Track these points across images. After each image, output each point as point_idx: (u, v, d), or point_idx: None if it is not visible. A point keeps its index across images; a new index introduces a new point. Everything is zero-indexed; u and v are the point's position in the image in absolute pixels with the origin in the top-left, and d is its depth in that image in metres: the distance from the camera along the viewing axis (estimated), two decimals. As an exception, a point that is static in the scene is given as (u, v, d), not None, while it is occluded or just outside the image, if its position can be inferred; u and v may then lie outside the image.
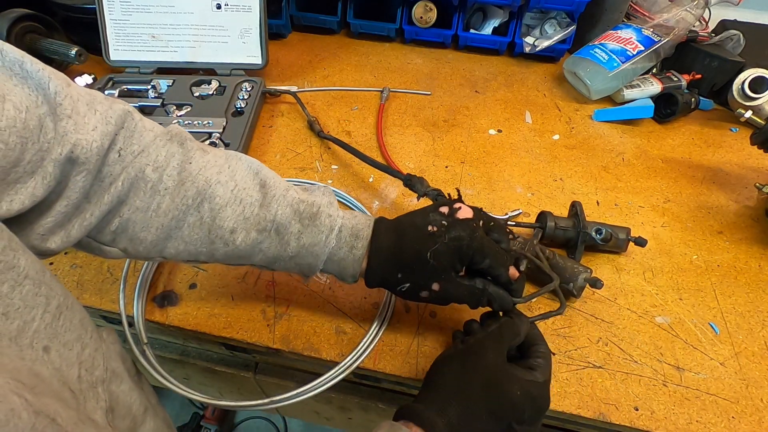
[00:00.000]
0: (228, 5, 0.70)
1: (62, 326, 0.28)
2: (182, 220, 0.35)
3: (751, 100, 0.64)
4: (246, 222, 0.36)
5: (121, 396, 0.33)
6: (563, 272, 0.47)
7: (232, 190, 0.36)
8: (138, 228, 0.35)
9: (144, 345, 0.44)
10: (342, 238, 0.38)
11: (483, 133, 0.70)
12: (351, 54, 0.87)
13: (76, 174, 0.31)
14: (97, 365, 0.31)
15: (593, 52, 0.76)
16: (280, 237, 0.37)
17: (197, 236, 0.36)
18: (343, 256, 0.38)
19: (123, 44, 0.71)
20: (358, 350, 0.43)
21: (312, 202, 0.38)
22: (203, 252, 0.37)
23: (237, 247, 0.36)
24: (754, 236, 0.57)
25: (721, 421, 0.41)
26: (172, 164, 0.35)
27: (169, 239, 0.36)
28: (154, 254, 0.37)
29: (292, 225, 0.37)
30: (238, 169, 0.37)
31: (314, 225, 0.37)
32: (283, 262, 0.38)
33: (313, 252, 0.37)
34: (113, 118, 0.32)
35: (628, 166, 0.66)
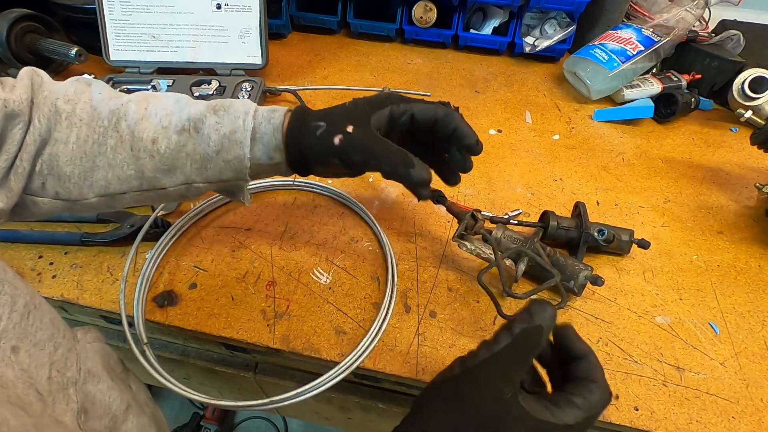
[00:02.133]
0: (228, 5, 0.70)
1: (32, 325, 0.28)
2: (103, 144, 0.36)
3: (751, 100, 0.64)
4: (165, 130, 0.36)
5: (98, 396, 0.32)
6: (564, 270, 0.47)
7: (146, 108, 0.37)
8: (62, 162, 0.35)
9: (144, 345, 0.44)
10: (259, 116, 0.38)
11: (483, 133, 0.70)
12: (351, 54, 0.87)
13: (13, 127, 0.32)
14: (70, 366, 0.31)
15: (593, 52, 0.76)
16: (200, 134, 0.37)
17: (121, 157, 0.36)
18: (264, 131, 0.37)
19: (123, 44, 0.71)
20: (358, 350, 0.43)
21: (224, 100, 0.39)
22: (132, 175, 0.37)
23: (162, 155, 0.36)
24: (754, 236, 0.57)
25: (721, 421, 0.41)
26: (83, 99, 0.36)
27: (95, 169, 0.36)
28: (86, 191, 0.36)
29: (207, 118, 0.37)
30: (149, 94, 0.39)
31: (229, 113, 0.37)
32: (213, 164, 0.37)
33: (235, 140, 0.37)
34: (24, 74, 0.35)
35: (628, 166, 0.66)
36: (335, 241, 0.53)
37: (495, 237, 0.49)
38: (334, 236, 0.54)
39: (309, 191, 0.59)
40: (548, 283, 0.42)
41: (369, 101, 0.38)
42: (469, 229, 0.47)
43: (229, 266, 0.50)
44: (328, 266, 0.51)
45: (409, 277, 0.50)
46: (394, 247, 0.52)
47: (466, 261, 0.52)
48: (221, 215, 0.55)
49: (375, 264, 0.51)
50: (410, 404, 0.31)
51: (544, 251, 0.48)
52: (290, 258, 0.51)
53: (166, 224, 0.52)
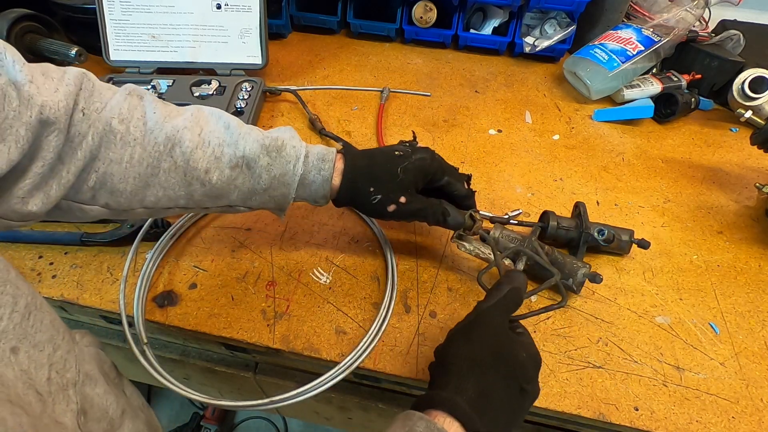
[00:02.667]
0: (228, 5, 0.70)
1: (32, 326, 0.28)
2: (157, 167, 0.37)
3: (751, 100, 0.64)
4: (218, 161, 0.38)
5: (96, 399, 0.32)
6: (563, 268, 0.47)
7: (200, 134, 0.38)
8: (116, 180, 0.36)
9: (144, 345, 0.44)
10: (309, 163, 0.41)
11: (483, 133, 0.70)
12: (351, 54, 0.87)
13: (48, 134, 0.32)
14: (69, 367, 0.31)
15: (593, 52, 0.75)
16: (252, 171, 0.39)
17: (174, 180, 0.38)
18: (312, 179, 0.41)
19: (123, 44, 0.71)
20: (358, 350, 0.43)
21: (276, 137, 0.41)
22: (182, 195, 0.39)
23: (213, 185, 0.39)
24: (754, 236, 0.57)
25: (721, 421, 0.41)
26: (136, 116, 0.36)
27: (147, 187, 0.37)
28: (135, 204, 0.38)
29: (261, 159, 0.39)
30: (201, 115, 0.39)
31: (281, 156, 0.40)
32: (258, 197, 0.41)
33: (284, 182, 0.40)
34: (71, 80, 0.34)
35: (628, 166, 0.66)
36: (335, 241, 0.53)
37: (493, 237, 0.49)
38: (334, 236, 0.54)
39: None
40: (548, 282, 0.42)
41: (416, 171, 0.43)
42: (468, 229, 0.47)
43: (229, 266, 0.50)
44: (328, 266, 0.51)
45: (409, 277, 0.50)
46: (394, 247, 0.52)
47: (466, 261, 0.52)
48: (221, 215, 0.55)
49: (375, 264, 0.51)
50: (410, 404, 0.33)
51: (543, 250, 0.48)
52: (290, 258, 0.51)
53: (166, 224, 0.52)
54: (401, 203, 0.42)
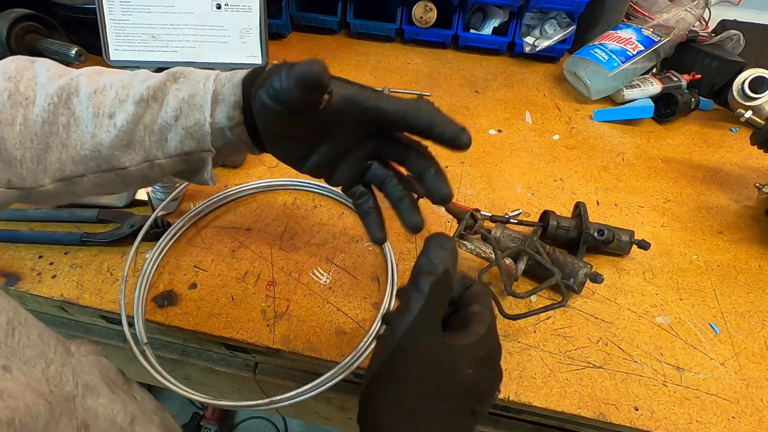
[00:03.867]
0: (228, 5, 0.70)
1: (18, 343, 0.26)
2: (55, 123, 0.33)
3: (751, 100, 0.64)
4: (122, 103, 0.34)
5: (100, 410, 0.31)
6: (564, 268, 0.47)
7: (99, 79, 0.34)
8: (10, 145, 0.32)
9: (144, 345, 0.44)
10: (222, 78, 0.35)
11: (483, 133, 0.70)
12: (351, 54, 0.87)
13: None
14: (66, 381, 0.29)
15: (593, 52, 0.76)
16: (158, 102, 0.34)
17: (76, 135, 0.34)
18: (226, 92, 0.35)
19: (123, 44, 0.71)
20: (358, 350, 0.43)
21: (185, 68, 0.36)
22: (88, 154, 0.34)
23: (119, 129, 0.34)
24: (754, 236, 0.57)
25: (721, 421, 0.41)
26: (26, 76, 0.33)
27: (48, 149, 0.33)
28: (40, 177, 0.34)
29: (167, 86, 0.35)
30: (104, 69, 0.36)
31: (189, 79, 0.35)
32: (172, 134, 0.35)
33: (195, 103, 0.34)
34: None
35: (628, 166, 0.66)
36: (335, 241, 0.53)
37: (494, 236, 0.49)
38: (334, 236, 0.54)
39: (309, 191, 0.59)
40: (549, 281, 0.42)
41: None
42: (469, 228, 0.47)
43: (229, 266, 0.50)
44: (328, 266, 0.51)
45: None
46: (394, 247, 0.52)
47: (467, 261, 0.52)
48: (221, 215, 0.55)
49: (375, 264, 0.51)
50: None
51: (544, 250, 0.48)
52: (290, 258, 0.51)
53: (166, 224, 0.52)
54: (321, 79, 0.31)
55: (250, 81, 0.35)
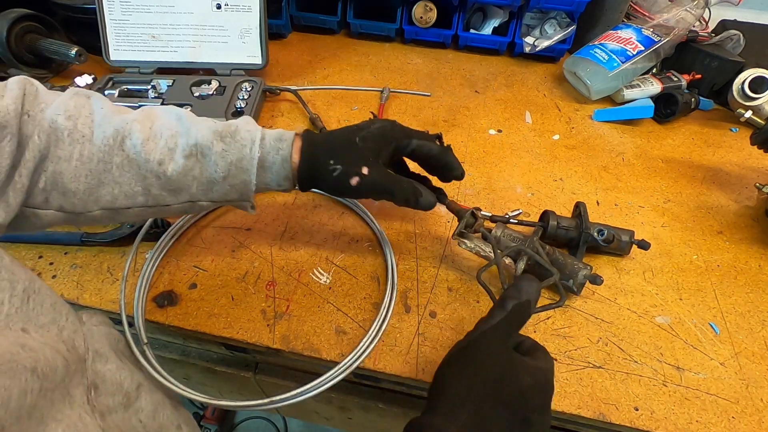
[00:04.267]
0: (228, 5, 0.70)
1: (33, 310, 0.28)
2: (109, 162, 0.36)
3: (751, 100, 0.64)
4: (171, 152, 0.37)
5: (108, 374, 0.33)
6: (563, 269, 0.47)
7: (150, 127, 0.37)
8: (66, 179, 0.35)
9: (144, 345, 0.44)
10: (266, 146, 0.39)
11: (483, 133, 0.70)
12: (351, 54, 0.87)
13: (1, 140, 0.31)
14: (78, 346, 0.31)
15: (593, 52, 0.76)
16: (207, 159, 0.38)
17: (128, 175, 0.36)
18: (272, 160, 0.39)
19: (123, 44, 0.71)
20: (358, 350, 0.43)
21: (229, 123, 0.39)
22: (139, 191, 0.37)
23: (169, 178, 0.37)
24: (754, 236, 0.57)
25: (721, 421, 0.41)
26: (83, 113, 0.36)
27: (101, 185, 0.36)
28: (91, 206, 0.37)
29: (214, 145, 0.37)
30: (151, 111, 0.38)
31: (235, 141, 0.38)
32: (218, 187, 0.39)
33: (242, 167, 0.38)
34: (14, 85, 0.34)
35: (628, 166, 0.66)
36: (335, 241, 0.53)
37: (495, 235, 0.49)
38: (334, 236, 0.54)
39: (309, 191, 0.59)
40: (547, 281, 0.42)
41: (376, 138, 0.40)
42: (469, 227, 0.47)
43: (229, 266, 0.50)
44: (328, 266, 0.51)
45: (409, 277, 0.50)
46: (394, 247, 0.52)
47: (466, 261, 0.52)
48: (221, 215, 0.55)
49: (375, 264, 0.51)
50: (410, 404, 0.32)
51: (544, 250, 0.48)
52: (290, 258, 0.51)
53: (166, 224, 0.52)
54: (364, 175, 0.39)
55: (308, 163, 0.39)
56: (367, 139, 0.40)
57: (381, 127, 0.41)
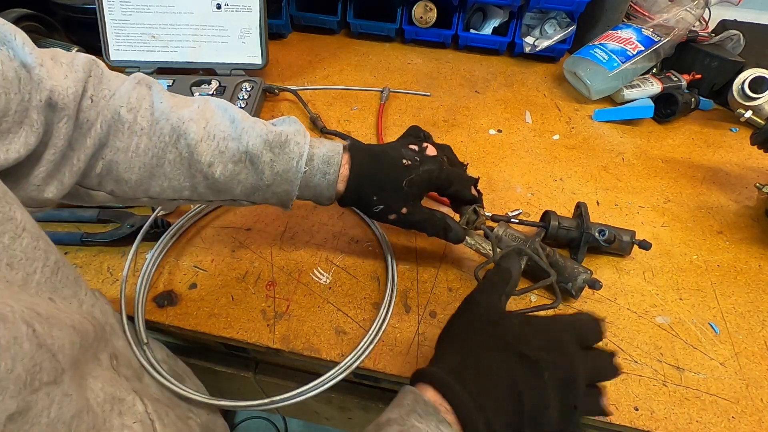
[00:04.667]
0: (228, 5, 0.70)
1: (60, 281, 0.29)
2: (162, 157, 0.37)
3: (751, 100, 0.64)
4: (222, 155, 0.38)
5: (121, 349, 0.35)
6: (563, 271, 0.47)
7: (205, 127, 0.38)
8: (122, 169, 0.37)
9: (144, 345, 0.44)
10: (314, 167, 0.40)
11: (483, 133, 0.70)
12: (351, 54, 0.87)
13: (59, 121, 0.32)
14: (99, 317, 0.33)
15: (593, 52, 0.75)
16: (255, 167, 0.39)
17: (179, 172, 0.38)
18: (318, 182, 0.41)
19: (123, 44, 0.71)
20: (358, 350, 0.43)
21: (280, 132, 0.40)
22: (186, 187, 0.39)
23: (216, 180, 0.38)
24: (754, 236, 0.57)
25: (721, 421, 0.41)
26: (144, 106, 0.37)
27: (152, 178, 0.38)
28: (139, 194, 0.39)
29: (264, 155, 0.39)
30: (207, 108, 0.39)
31: (284, 153, 0.39)
32: (261, 192, 0.41)
33: (287, 178, 0.40)
34: (80, 66, 0.34)
35: (628, 166, 0.66)
36: (335, 241, 0.53)
37: (496, 234, 0.49)
38: (334, 236, 0.54)
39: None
40: (543, 282, 0.42)
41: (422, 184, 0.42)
42: (471, 223, 0.47)
43: (229, 266, 0.50)
44: (328, 266, 0.51)
45: (409, 277, 0.50)
46: (394, 247, 0.52)
47: (466, 260, 0.52)
48: (221, 215, 0.55)
49: (375, 264, 0.51)
50: None
51: (544, 251, 0.48)
52: (290, 258, 0.51)
53: (166, 224, 0.52)
54: (402, 214, 0.42)
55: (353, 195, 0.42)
56: (414, 184, 0.42)
57: (428, 172, 0.42)
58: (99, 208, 0.53)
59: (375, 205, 0.42)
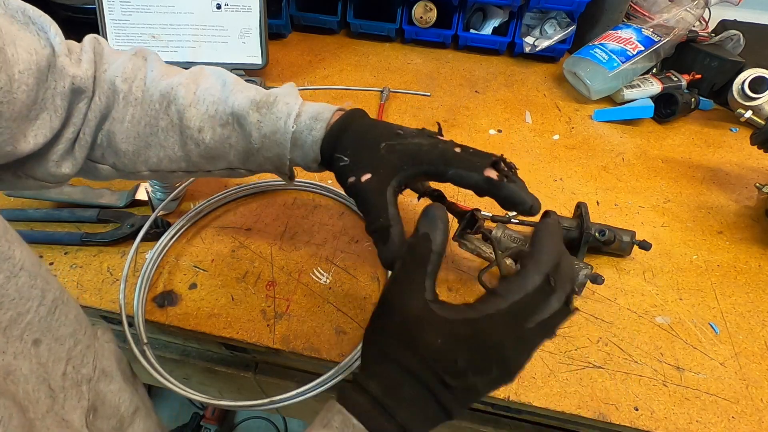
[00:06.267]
0: (228, 5, 0.70)
1: (57, 320, 0.28)
2: (155, 125, 0.37)
3: (751, 100, 0.64)
4: (211, 120, 0.37)
5: (109, 395, 0.33)
6: (563, 272, 0.47)
7: (195, 91, 0.37)
8: (119, 140, 0.37)
9: (144, 345, 0.44)
10: (302, 122, 0.37)
11: (483, 133, 0.70)
12: (351, 54, 0.87)
13: (79, 102, 0.35)
14: (87, 362, 0.31)
15: (593, 52, 0.76)
16: (243, 129, 0.37)
17: (172, 140, 0.38)
18: (303, 140, 0.37)
19: (123, 44, 0.71)
20: (358, 350, 0.43)
21: (270, 92, 0.38)
22: (181, 156, 0.39)
23: (207, 145, 0.38)
24: (754, 236, 0.57)
25: (721, 421, 0.41)
26: (139, 76, 0.37)
27: (148, 147, 0.38)
28: (140, 166, 0.39)
29: (250, 115, 0.37)
30: (200, 73, 0.39)
31: (271, 113, 0.37)
32: (254, 158, 0.39)
33: (276, 141, 0.37)
34: (88, 47, 0.36)
35: (628, 166, 0.66)
36: (335, 241, 0.53)
37: (495, 236, 0.49)
38: (334, 236, 0.54)
39: (309, 191, 0.59)
40: None
41: (404, 154, 0.34)
42: (470, 228, 0.46)
43: (229, 266, 0.50)
44: (328, 266, 0.51)
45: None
46: (394, 247, 0.52)
47: (466, 261, 0.52)
48: (221, 215, 0.55)
49: (375, 264, 0.51)
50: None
51: (544, 251, 0.48)
52: (290, 258, 0.51)
53: (166, 224, 0.52)
54: (360, 181, 0.34)
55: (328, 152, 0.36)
56: (394, 151, 0.34)
57: (417, 145, 0.34)
58: (99, 208, 0.53)
59: (340, 159, 0.35)
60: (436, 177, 0.34)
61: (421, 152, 0.34)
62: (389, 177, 0.34)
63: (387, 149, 0.34)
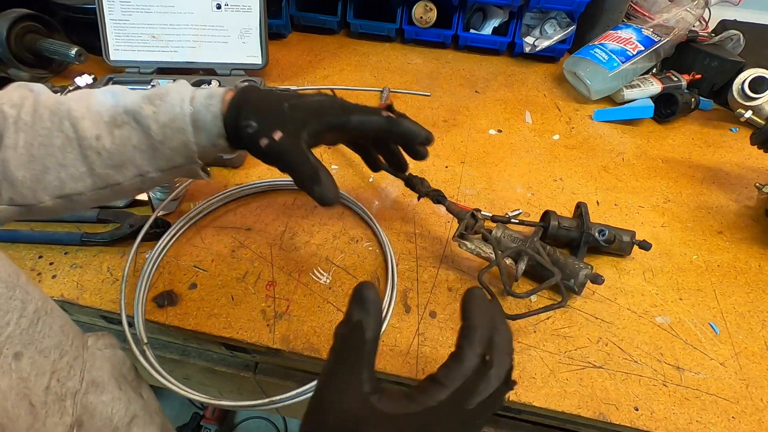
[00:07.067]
0: (228, 5, 0.70)
1: (40, 332, 0.28)
2: (50, 144, 0.36)
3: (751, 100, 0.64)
4: (107, 125, 0.36)
5: (99, 407, 0.31)
6: (564, 269, 0.47)
7: (87, 106, 0.37)
8: (13, 167, 0.35)
9: (144, 345, 0.44)
10: (197, 103, 0.37)
11: (483, 133, 0.70)
12: (351, 54, 0.87)
13: None
14: (74, 375, 0.30)
15: (593, 52, 0.76)
16: (140, 124, 0.36)
17: (71, 156, 0.36)
18: (203, 118, 0.37)
19: (123, 44, 0.71)
20: (358, 350, 0.43)
21: (160, 87, 0.38)
22: (85, 172, 0.36)
23: (109, 151, 0.36)
24: (754, 236, 0.57)
25: (721, 421, 0.41)
26: (26, 104, 0.36)
27: (46, 171, 0.36)
28: (41, 195, 0.36)
29: (144, 108, 0.36)
30: (90, 93, 0.38)
31: (165, 102, 0.36)
32: (160, 153, 0.37)
33: (176, 127, 0.36)
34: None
35: (628, 166, 0.66)
36: (335, 241, 0.53)
37: (495, 236, 0.49)
38: (334, 236, 0.54)
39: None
40: (549, 282, 0.42)
41: (307, 109, 0.37)
42: (470, 228, 0.47)
43: (229, 266, 0.50)
44: (328, 266, 0.51)
45: (409, 277, 0.50)
46: (394, 247, 0.52)
47: (466, 261, 0.52)
48: (221, 215, 0.55)
49: (375, 264, 0.51)
50: None
51: (545, 250, 0.48)
52: (290, 258, 0.51)
53: (166, 224, 0.52)
54: (273, 139, 0.35)
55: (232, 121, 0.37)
56: (297, 108, 0.36)
57: (318, 101, 0.37)
58: (99, 208, 0.53)
59: (247, 126, 0.36)
60: (341, 126, 0.37)
61: (323, 107, 0.37)
62: (299, 132, 0.36)
63: (290, 108, 0.36)
